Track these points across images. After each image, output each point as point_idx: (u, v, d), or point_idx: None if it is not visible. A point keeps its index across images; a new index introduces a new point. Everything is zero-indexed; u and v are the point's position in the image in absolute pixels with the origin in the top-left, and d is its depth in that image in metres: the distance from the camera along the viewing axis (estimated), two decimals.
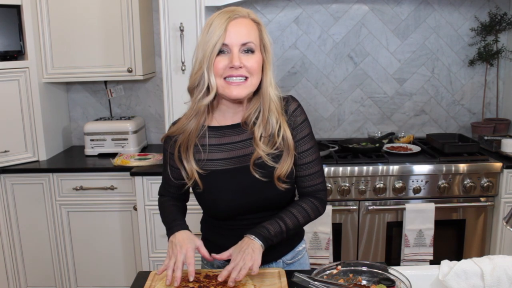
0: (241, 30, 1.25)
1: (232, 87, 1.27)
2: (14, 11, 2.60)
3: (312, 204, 1.38)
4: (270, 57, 1.32)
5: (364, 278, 1.25)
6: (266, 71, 1.32)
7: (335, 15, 2.98)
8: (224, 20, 1.24)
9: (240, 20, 1.26)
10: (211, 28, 1.25)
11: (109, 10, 2.71)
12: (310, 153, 1.38)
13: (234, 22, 1.25)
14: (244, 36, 1.25)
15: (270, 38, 1.32)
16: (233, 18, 1.25)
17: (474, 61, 3.02)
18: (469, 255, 2.56)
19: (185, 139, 1.34)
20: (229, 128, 1.36)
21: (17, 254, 2.72)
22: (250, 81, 1.28)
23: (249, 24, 1.28)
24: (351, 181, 2.50)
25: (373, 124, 3.12)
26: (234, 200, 1.35)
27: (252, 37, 1.27)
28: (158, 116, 3.15)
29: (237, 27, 1.25)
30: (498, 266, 1.24)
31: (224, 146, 1.36)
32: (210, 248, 1.49)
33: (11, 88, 2.63)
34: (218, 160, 1.35)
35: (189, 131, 1.33)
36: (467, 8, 2.98)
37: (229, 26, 1.24)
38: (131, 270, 2.72)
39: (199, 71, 1.27)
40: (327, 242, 2.48)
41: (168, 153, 1.41)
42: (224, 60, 1.25)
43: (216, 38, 1.23)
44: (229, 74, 1.26)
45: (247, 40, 1.26)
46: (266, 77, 1.32)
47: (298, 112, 1.38)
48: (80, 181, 2.63)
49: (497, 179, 2.52)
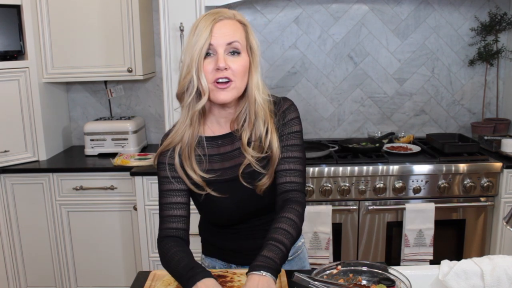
0: (226, 30, 1.24)
1: (220, 91, 1.25)
2: (14, 11, 2.60)
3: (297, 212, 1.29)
4: (257, 59, 1.29)
5: (364, 278, 1.25)
6: (251, 74, 1.29)
7: (335, 15, 2.98)
8: (209, 22, 1.23)
9: (226, 21, 1.25)
10: (197, 31, 1.23)
11: (109, 10, 2.71)
12: (296, 149, 1.34)
13: (219, 24, 1.24)
14: (229, 35, 1.23)
15: (257, 40, 1.30)
16: (218, 19, 1.24)
17: (474, 61, 3.02)
18: (469, 255, 2.56)
19: (185, 148, 1.30)
20: (223, 138, 1.35)
21: (17, 254, 2.72)
22: (234, 84, 1.25)
23: (235, 24, 1.27)
24: (351, 181, 2.50)
25: (373, 124, 3.12)
26: (234, 210, 1.34)
27: (238, 37, 1.25)
28: (158, 116, 3.15)
29: (222, 28, 1.23)
30: (498, 266, 1.24)
31: (221, 156, 1.34)
32: (211, 249, 1.49)
33: (11, 88, 2.63)
34: (217, 170, 1.33)
35: (187, 140, 1.29)
36: (467, 8, 2.98)
37: (215, 27, 1.22)
38: (131, 270, 2.72)
39: (188, 75, 1.25)
40: (327, 242, 2.48)
41: (167, 165, 1.32)
42: (211, 62, 1.23)
43: (202, 41, 1.21)
44: (216, 76, 1.23)
45: (232, 39, 1.24)
46: (251, 80, 1.29)
47: (290, 109, 1.36)
48: (80, 181, 2.63)
49: (497, 179, 2.52)
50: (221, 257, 1.47)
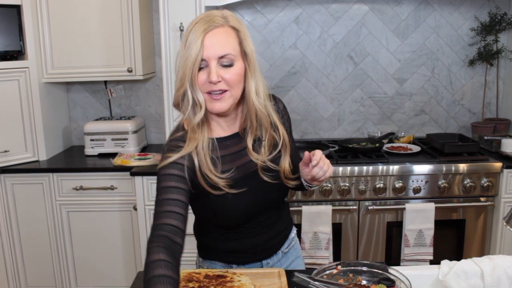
0: (217, 42, 1.20)
1: (214, 101, 1.24)
2: (14, 11, 2.60)
3: None
4: (253, 64, 1.26)
5: (364, 278, 1.25)
6: (248, 79, 1.26)
7: (335, 15, 2.98)
8: (200, 33, 1.19)
9: (216, 31, 1.21)
10: (187, 43, 1.21)
11: (109, 10, 2.71)
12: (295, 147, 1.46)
13: (210, 35, 1.20)
14: (221, 48, 1.20)
15: (252, 45, 1.26)
16: (209, 30, 1.20)
17: (474, 61, 3.02)
18: (469, 255, 2.56)
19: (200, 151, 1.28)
20: (230, 138, 1.35)
21: (17, 254, 2.72)
22: (230, 94, 1.24)
23: (226, 33, 1.23)
24: (351, 181, 2.50)
25: (373, 124, 3.12)
26: (246, 208, 1.34)
27: (230, 48, 1.22)
28: (158, 116, 3.15)
29: (213, 39, 1.20)
30: (498, 266, 1.24)
31: (229, 156, 1.34)
32: (211, 253, 1.48)
33: (11, 88, 2.63)
34: (228, 171, 1.32)
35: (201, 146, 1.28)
36: (467, 8, 2.98)
37: (205, 39, 1.19)
38: (131, 270, 2.72)
39: (181, 88, 1.24)
40: (327, 242, 2.48)
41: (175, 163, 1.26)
42: (203, 74, 1.22)
43: (194, 55, 1.19)
44: (210, 89, 1.22)
45: (224, 52, 1.21)
46: (248, 85, 1.27)
47: (285, 109, 1.45)
48: (80, 181, 2.63)
49: (497, 179, 2.52)
50: (222, 259, 1.46)
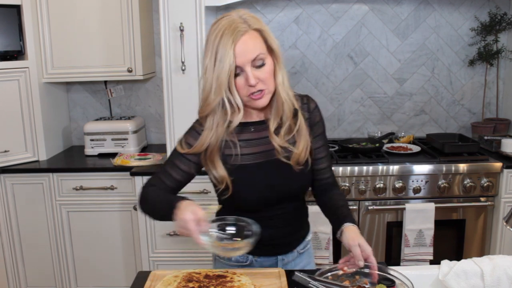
0: (247, 48, 1.27)
1: (256, 101, 1.32)
2: (14, 11, 2.60)
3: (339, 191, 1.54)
4: (279, 58, 1.34)
5: (369, 281, 1.25)
6: (276, 73, 1.34)
7: (335, 15, 2.98)
8: (229, 45, 1.25)
9: (244, 39, 1.26)
10: (219, 56, 1.25)
11: (109, 10, 2.71)
12: (322, 150, 1.49)
13: (239, 44, 1.26)
14: (251, 53, 1.27)
15: (274, 39, 1.34)
16: (237, 40, 1.26)
17: (474, 61, 3.02)
18: (469, 255, 2.56)
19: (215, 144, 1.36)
20: (255, 124, 1.42)
21: (17, 254, 2.72)
22: (267, 90, 1.33)
23: (252, 36, 1.29)
24: (351, 181, 2.50)
25: (373, 124, 3.12)
26: (261, 192, 1.39)
27: (258, 49, 1.29)
28: (158, 116, 3.15)
29: (242, 46, 1.26)
30: (498, 266, 1.24)
31: (252, 141, 1.41)
32: None
33: (11, 88, 2.63)
34: (247, 155, 1.39)
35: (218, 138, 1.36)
36: (467, 8, 2.98)
37: (236, 49, 1.25)
38: (131, 270, 2.72)
39: (217, 97, 1.29)
40: (327, 242, 2.48)
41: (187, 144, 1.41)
42: (241, 80, 1.29)
43: (228, 65, 1.25)
44: (250, 92, 1.30)
45: (255, 55, 1.28)
46: (277, 78, 1.35)
47: (317, 110, 1.48)
48: (80, 181, 2.63)
49: (497, 179, 2.52)
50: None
